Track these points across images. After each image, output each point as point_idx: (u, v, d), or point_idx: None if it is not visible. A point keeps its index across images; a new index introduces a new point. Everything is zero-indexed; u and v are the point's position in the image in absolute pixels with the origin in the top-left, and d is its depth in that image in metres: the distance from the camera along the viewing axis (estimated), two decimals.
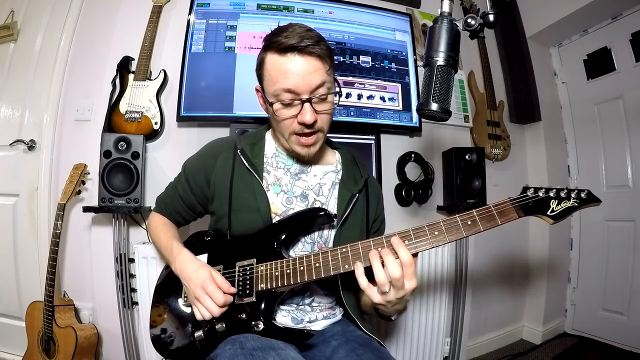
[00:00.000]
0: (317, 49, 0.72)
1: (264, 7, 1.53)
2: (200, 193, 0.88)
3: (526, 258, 2.13)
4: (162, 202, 0.95)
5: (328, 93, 0.75)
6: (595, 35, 2.05)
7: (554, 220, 0.64)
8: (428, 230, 0.65)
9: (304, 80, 0.71)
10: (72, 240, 1.51)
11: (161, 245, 0.87)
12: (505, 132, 2.00)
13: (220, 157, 0.85)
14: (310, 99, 0.73)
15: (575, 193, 0.64)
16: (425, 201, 1.70)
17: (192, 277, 0.73)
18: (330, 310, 0.86)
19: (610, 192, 2.02)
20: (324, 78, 0.74)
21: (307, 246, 0.83)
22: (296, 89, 0.72)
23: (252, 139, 0.88)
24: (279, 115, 0.76)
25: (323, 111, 0.76)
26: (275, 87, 0.73)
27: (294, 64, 0.71)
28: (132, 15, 1.51)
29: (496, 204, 0.66)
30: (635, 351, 1.81)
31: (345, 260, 0.67)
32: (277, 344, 0.65)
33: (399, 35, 1.69)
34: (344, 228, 0.83)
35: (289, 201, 0.82)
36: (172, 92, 1.46)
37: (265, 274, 0.73)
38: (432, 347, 1.52)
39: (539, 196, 0.65)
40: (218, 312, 0.70)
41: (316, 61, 0.73)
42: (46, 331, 1.29)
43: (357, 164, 0.94)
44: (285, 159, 0.86)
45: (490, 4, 0.66)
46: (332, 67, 0.78)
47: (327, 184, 0.86)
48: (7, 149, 1.60)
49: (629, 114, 1.94)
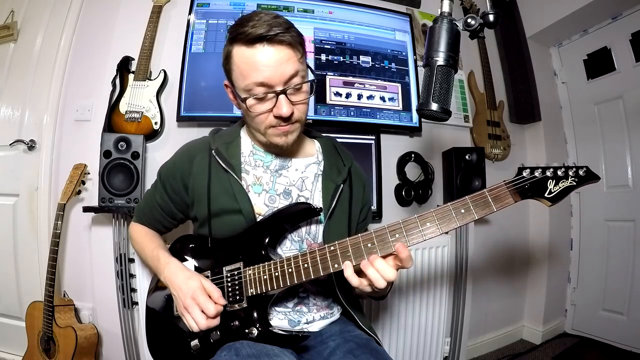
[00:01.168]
0: (288, 37, 0.68)
1: (264, 7, 1.53)
2: (179, 200, 0.84)
3: (526, 258, 2.13)
4: (141, 211, 0.91)
5: (302, 82, 0.72)
6: (595, 35, 2.05)
7: (551, 203, 0.62)
8: (419, 222, 0.63)
9: (276, 71, 0.67)
10: (72, 240, 1.51)
11: (147, 256, 0.84)
12: (505, 132, 2.00)
13: (196, 160, 0.81)
14: (285, 90, 0.69)
15: (573, 171, 0.61)
16: (425, 201, 1.70)
17: (182, 287, 0.71)
18: (328, 309, 0.85)
19: (610, 192, 2.02)
20: (297, 67, 0.70)
21: (295, 244, 0.80)
22: (269, 81, 0.68)
23: (227, 138, 0.84)
24: (253, 110, 0.71)
25: (299, 101, 0.72)
26: (247, 81, 0.69)
27: (264, 54, 0.67)
28: (132, 16, 1.51)
29: (490, 189, 0.63)
30: (635, 351, 1.81)
31: (335, 259, 0.66)
32: (272, 350, 0.64)
33: (399, 35, 1.69)
34: (332, 221, 0.80)
35: (271, 200, 0.79)
36: (172, 92, 1.46)
37: (254, 278, 0.71)
38: (432, 347, 1.52)
39: (535, 177, 0.61)
40: (206, 325, 0.67)
41: (288, 49, 0.69)
42: (46, 331, 1.29)
43: (339, 152, 0.89)
44: (263, 156, 0.82)
45: (490, 4, 0.66)
46: (303, 55, 0.74)
47: (309, 177, 0.83)
48: (7, 149, 1.60)
49: (629, 114, 1.94)
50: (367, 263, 0.63)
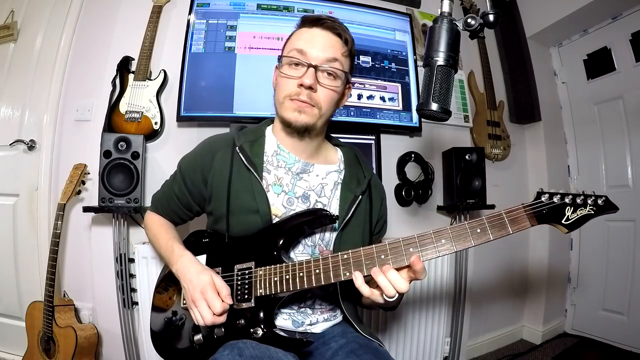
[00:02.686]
0: (340, 31, 0.77)
1: (264, 7, 1.53)
2: (197, 193, 0.84)
3: (526, 258, 2.13)
4: (158, 201, 0.92)
5: (337, 70, 0.76)
6: (595, 35, 2.05)
7: (568, 230, 0.61)
8: (434, 238, 0.63)
9: (318, 47, 0.75)
10: (72, 240, 1.51)
11: (160, 247, 0.84)
12: (505, 132, 2.00)
13: (218, 155, 0.81)
14: (317, 67, 0.74)
15: (592, 200, 0.60)
16: (425, 201, 1.70)
17: (193, 281, 0.71)
18: (331, 312, 0.85)
19: (610, 192, 2.01)
20: (338, 56, 0.76)
21: (307, 249, 0.80)
22: (307, 52, 0.75)
23: (252, 136, 0.84)
24: (283, 72, 0.77)
25: (326, 85, 0.76)
26: (291, 47, 0.78)
27: (314, 32, 0.77)
28: (132, 16, 1.51)
29: (508, 211, 0.61)
30: (635, 351, 1.81)
31: (347, 267, 0.65)
32: (276, 353, 0.64)
33: (399, 35, 1.69)
34: (346, 231, 0.80)
35: (290, 202, 0.80)
36: (172, 92, 1.46)
37: (264, 279, 0.71)
38: (432, 347, 1.52)
39: (554, 203, 0.60)
40: (211, 321, 0.67)
41: (336, 38, 0.77)
42: (46, 331, 1.29)
43: (360, 162, 0.90)
44: (286, 157, 0.82)
45: (490, 4, 0.66)
46: (349, 57, 0.80)
47: (329, 184, 0.84)
48: (7, 149, 1.60)
49: (629, 114, 1.94)
50: (378, 270, 0.62)
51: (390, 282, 0.61)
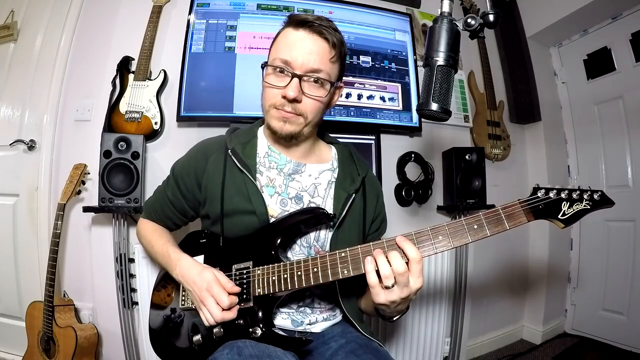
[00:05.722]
0: (327, 34, 0.73)
1: (264, 7, 1.53)
2: (192, 197, 0.84)
3: (526, 258, 2.13)
4: (150, 207, 0.91)
5: (323, 79, 0.74)
6: (595, 35, 2.05)
7: (564, 225, 0.61)
8: (432, 234, 0.63)
9: (303, 56, 0.72)
10: (72, 240, 1.51)
11: (156, 253, 0.83)
12: (505, 132, 2.00)
13: (212, 158, 0.81)
14: (301, 76, 0.72)
15: (588, 194, 0.61)
16: (425, 201, 1.70)
17: (196, 280, 0.71)
18: (331, 311, 0.85)
19: (610, 192, 1.98)
20: (325, 65, 0.73)
21: (303, 249, 0.80)
22: (292, 62, 0.72)
23: (244, 138, 0.84)
24: (267, 80, 0.75)
25: (311, 95, 0.74)
26: (276, 54, 0.75)
27: (301, 38, 0.73)
28: (132, 16, 1.51)
29: (505, 206, 0.62)
30: (635, 351, 1.81)
31: (345, 265, 0.65)
32: (275, 352, 0.64)
33: (399, 35, 1.69)
34: (341, 230, 0.80)
35: (283, 203, 0.79)
36: (172, 92, 1.45)
37: (262, 279, 0.71)
38: (432, 347, 1.52)
39: (550, 198, 0.61)
40: (220, 317, 0.67)
41: (324, 44, 0.73)
42: (46, 331, 1.29)
43: (355, 160, 0.89)
44: (277, 159, 0.82)
45: (490, 4, 0.66)
46: (338, 61, 0.77)
47: (322, 183, 0.83)
48: (7, 149, 1.60)
49: (629, 114, 1.94)
50: (379, 250, 0.62)
51: (389, 261, 0.60)
